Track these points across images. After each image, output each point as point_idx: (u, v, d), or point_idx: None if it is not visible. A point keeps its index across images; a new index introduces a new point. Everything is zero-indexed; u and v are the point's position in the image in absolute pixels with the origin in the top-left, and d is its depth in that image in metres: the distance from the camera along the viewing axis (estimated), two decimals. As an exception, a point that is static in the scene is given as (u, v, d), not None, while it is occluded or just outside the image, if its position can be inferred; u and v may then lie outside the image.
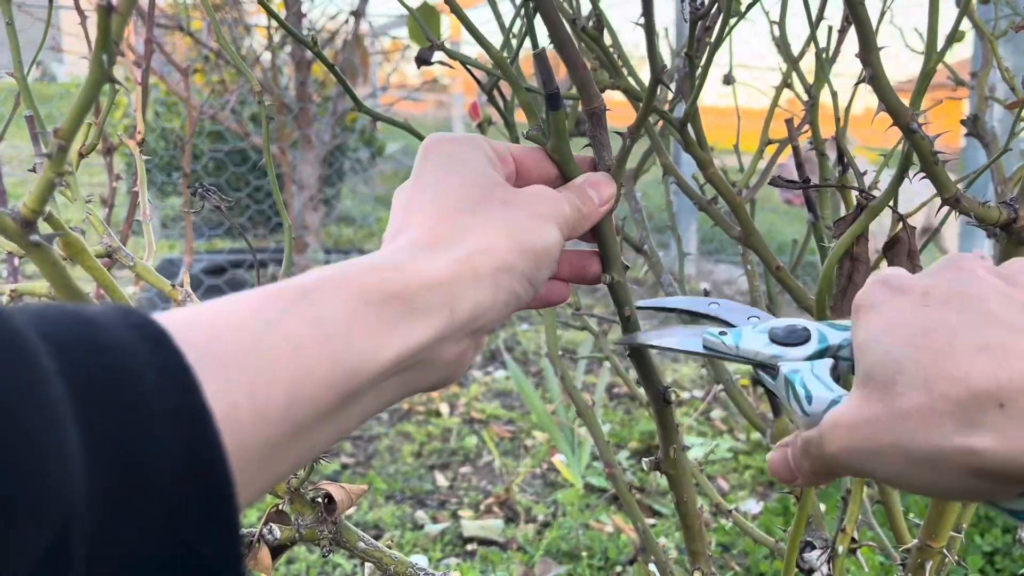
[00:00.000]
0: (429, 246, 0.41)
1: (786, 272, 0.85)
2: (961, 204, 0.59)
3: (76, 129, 0.39)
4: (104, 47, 0.37)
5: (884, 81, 0.55)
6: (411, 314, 0.38)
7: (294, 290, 0.36)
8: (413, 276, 0.38)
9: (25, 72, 0.63)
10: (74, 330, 0.29)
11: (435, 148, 0.46)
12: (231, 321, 0.34)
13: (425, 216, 0.43)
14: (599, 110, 0.55)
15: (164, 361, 0.30)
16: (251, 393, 0.32)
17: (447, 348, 0.40)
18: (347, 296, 0.36)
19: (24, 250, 0.41)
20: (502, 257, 0.41)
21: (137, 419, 0.28)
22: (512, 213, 0.43)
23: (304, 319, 0.35)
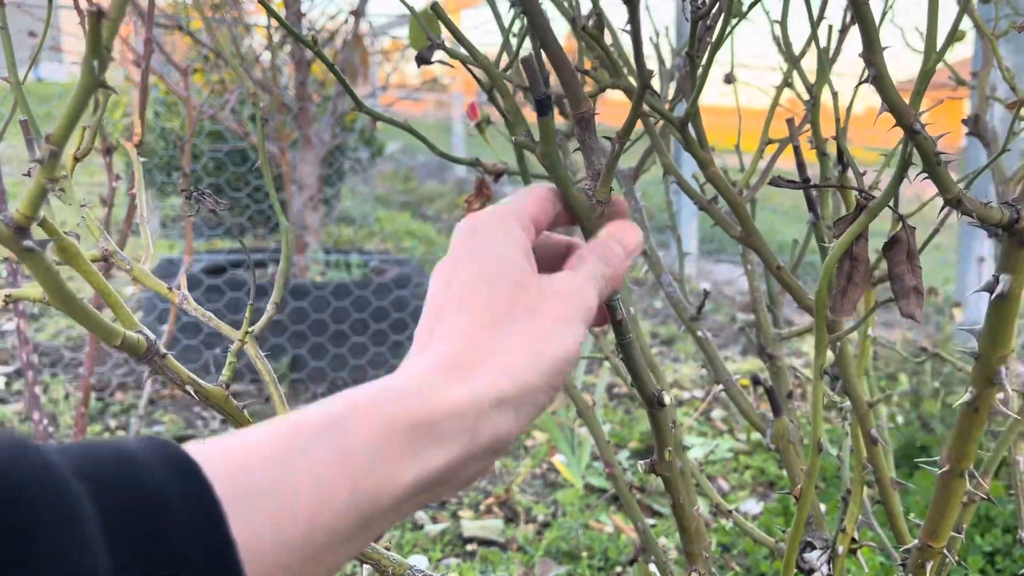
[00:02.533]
0: (454, 369, 0.42)
1: (786, 272, 0.85)
2: (963, 205, 0.59)
3: (68, 134, 0.39)
4: (95, 53, 0.36)
5: (887, 81, 0.55)
6: (433, 441, 0.40)
7: (324, 420, 0.38)
8: (437, 405, 0.40)
9: (20, 76, 0.63)
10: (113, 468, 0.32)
11: (467, 243, 0.47)
12: (261, 452, 0.36)
13: (452, 330, 0.44)
14: (587, 114, 0.55)
15: (194, 496, 0.33)
16: (274, 524, 0.35)
17: (465, 469, 0.42)
18: (373, 425, 0.38)
19: (17, 256, 0.41)
20: (523, 378, 0.42)
21: (166, 551, 0.31)
22: (536, 323, 0.44)
23: (330, 450, 0.37)
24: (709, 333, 1.09)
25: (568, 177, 0.54)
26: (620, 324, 0.59)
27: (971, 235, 2.90)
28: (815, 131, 0.83)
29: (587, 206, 0.54)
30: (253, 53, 3.55)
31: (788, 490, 0.98)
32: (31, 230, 0.42)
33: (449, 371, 0.42)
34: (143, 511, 0.31)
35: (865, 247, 0.65)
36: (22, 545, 0.28)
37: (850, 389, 0.86)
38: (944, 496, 0.75)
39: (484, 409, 0.41)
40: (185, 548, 0.31)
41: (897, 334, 2.94)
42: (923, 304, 0.63)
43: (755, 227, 0.85)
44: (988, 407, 0.71)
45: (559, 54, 0.53)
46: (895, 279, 0.64)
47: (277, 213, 0.70)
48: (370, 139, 5.72)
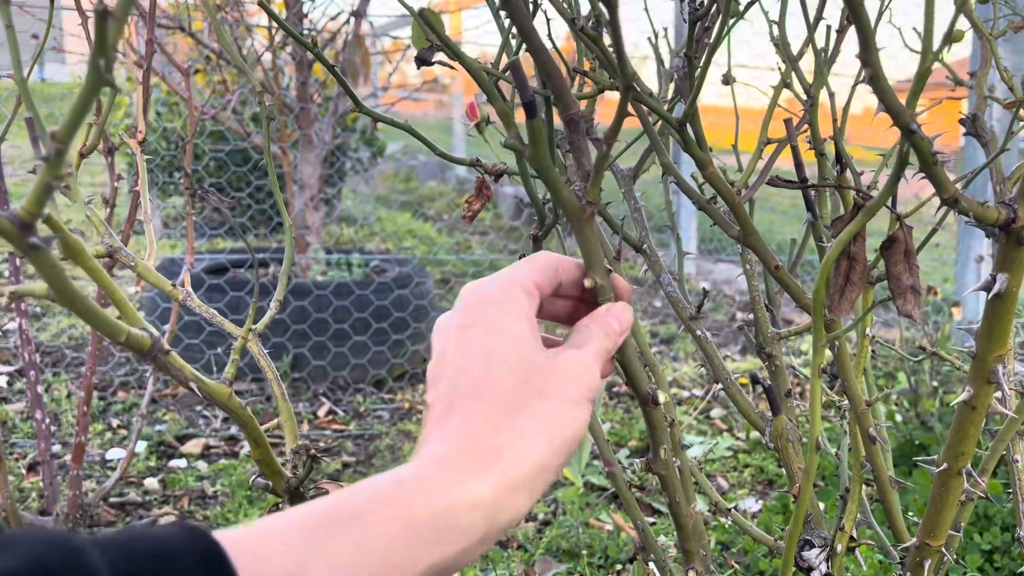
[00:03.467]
0: (474, 459, 0.43)
1: (785, 272, 0.85)
2: (960, 204, 0.60)
3: (74, 133, 0.39)
4: (101, 52, 0.37)
5: (884, 82, 0.55)
6: (451, 531, 0.41)
7: (346, 511, 0.40)
8: (457, 499, 0.42)
9: (25, 74, 0.63)
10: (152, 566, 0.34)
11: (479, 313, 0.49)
12: (284, 543, 0.38)
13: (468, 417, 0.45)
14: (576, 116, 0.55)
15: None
16: None
17: (481, 549, 0.43)
18: (392, 518, 0.40)
19: (22, 253, 0.42)
20: (541, 462, 0.45)
21: None
22: (546, 407, 0.46)
23: (349, 542, 0.38)
24: (708, 332, 1.09)
25: (559, 179, 0.55)
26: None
27: (970, 234, 2.91)
28: (813, 131, 0.83)
29: (577, 207, 0.54)
30: (255, 54, 3.56)
31: (787, 488, 0.98)
32: (36, 227, 0.43)
33: (469, 462, 0.43)
34: None
35: (863, 246, 0.65)
36: None
37: (848, 388, 0.87)
38: (942, 495, 0.76)
39: (502, 498, 0.43)
40: None
41: (895, 333, 2.94)
42: (920, 303, 0.64)
43: (754, 227, 0.85)
44: (986, 406, 0.71)
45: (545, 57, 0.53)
46: (892, 278, 0.64)
47: (281, 212, 0.70)
48: (371, 139, 5.73)
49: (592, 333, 0.52)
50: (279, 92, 3.39)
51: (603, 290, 0.57)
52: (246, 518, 2.07)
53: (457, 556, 0.42)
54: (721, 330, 3.72)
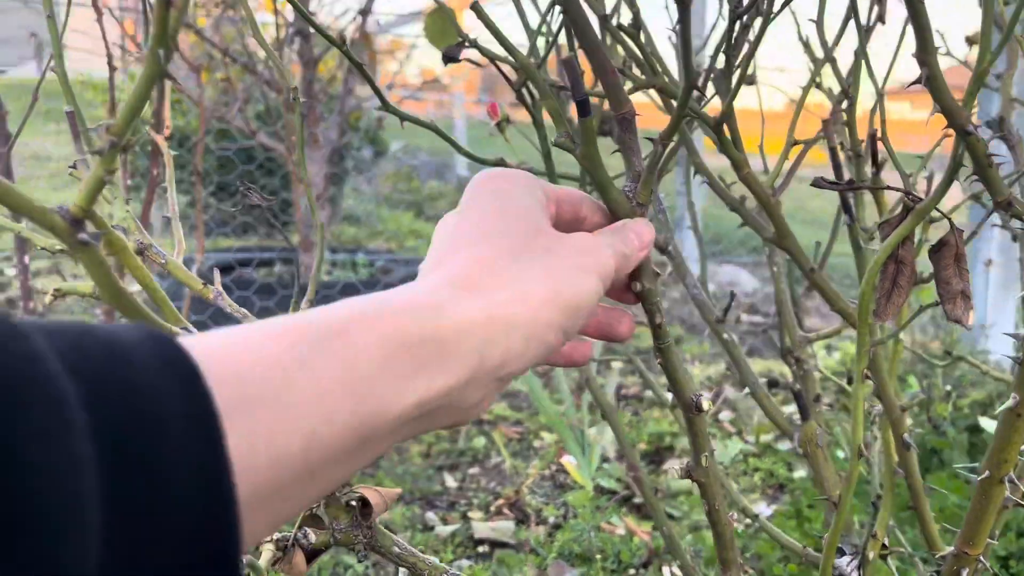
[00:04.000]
0: (467, 288, 0.40)
1: (819, 274, 0.84)
2: (1013, 207, 0.58)
3: (130, 125, 0.38)
4: (161, 41, 0.36)
5: (940, 82, 0.54)
6: (440, 359, 0.37)
7: (330, 325, 0.35)
8: (448, 319, 0.38)
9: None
10: (109, 368, 0.29)
11: (487, 184, 0.46)
12: (264, 356, 0.33)
13: (467, 255, 0.42)
14: (629, 115, 0.54)
15: (193, 408, 0.29)
16: (271, 439, 0.32)
17: (470, 393, 0.40)
18: (381, 336, 0.36)
19: (72, 249, 0.40)
20: (538, 307, 0.41)
21: (160, 478, 0.28)
22: (554, 262, 0.43)
23: (335, 359, 0.34)
24: (733, 335, 1.08)
25: (609, 178, 0.54)
26: (659, 327, 0.58)
27: (979, 238, 2.90)
28: (851, 132, 0.82)
29: (627, 208, 0.53)
30: (259, 52, 3.54)
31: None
32: (86, 224, 0.41)
33: (463, 288, 0.40)
34: (139, 427, 0.28)
35: (911, 250, 0.64)
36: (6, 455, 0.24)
37: (883, 393, 0.86)
38: (982, 502, 0.75)
39: (496, 329, 0.39)
40: (180, 471, 0.28)
41: (907, 337, 2.93)
42: (971, 307, 0.62)
43: (788, 228, 0.84)
44: (1030, 412, 0.70)
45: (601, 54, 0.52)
46: (942, 283, 0.63)
47: (311, 209, 0.69)
48: (374, 138, 5.72)
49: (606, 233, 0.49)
50: (289, 89, 3.38)
51: (651, 294, 0.55)
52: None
53: (443, 396, 0.38)
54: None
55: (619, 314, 0.52)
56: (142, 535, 0.27)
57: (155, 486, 0.28)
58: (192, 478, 0.28)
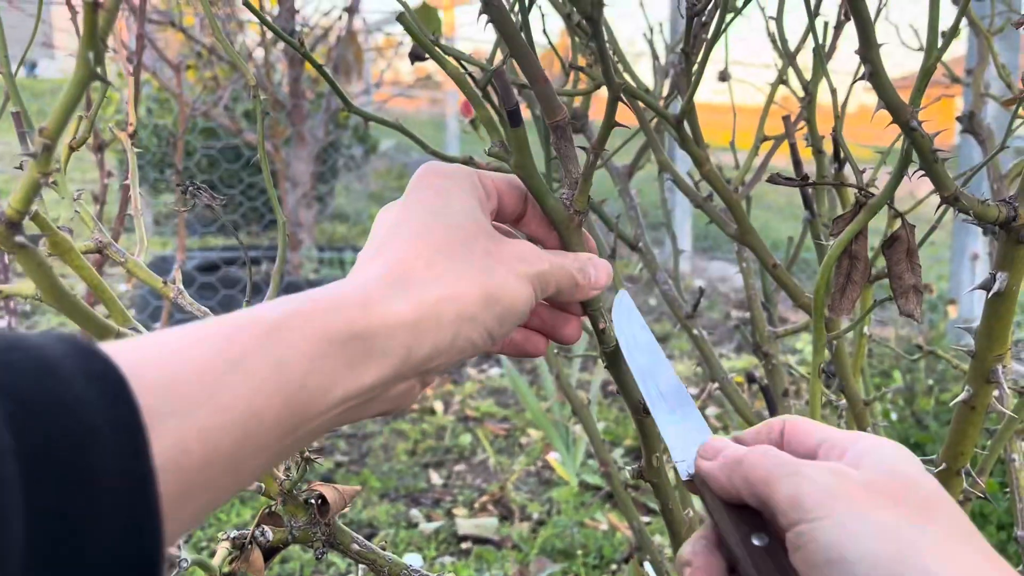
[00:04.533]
0: (399, 283, 0.40)
1: (782, 270, 0.85)
2: (960, 202, 0.59)
3: (62, 128, 0.38)
4: (91, 44, 0.36)
5: (884, 78, 0.55)
6: (368, 355, 0.38)
7: (261, 326, 0.36)
8: (377, 317, 0.39)
9: (13, 69, 0.62)
10: (34, 384, 0.29)
11: (429, 180, 0.46)
12: (195, 360, 0.34)
13: (403, 249, 0.42)
14: (562, 122, 0.54)
15: (119, 420, 0.30)
16: (203, 439, 0.33)
17: (395, 386, 0.40)
18: (310, 335, 0.37)
19: (9, 251, 0.41)
20: (468, 307, 0.41)
21: (85, 492, 0.29)
22: (490, 264, 0.43)
23: (265, 360, 0.35)
24: (704, 331, 1.09)
25: (544, 187, 0.53)
26: (603, 332, 0.58)
27: (965, 232, 2.91)
28: (812, 128, 0.82)
29: (564, 216, 0.52)
30: (246, 50, 3.54)
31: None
32: (23, 225, 0.42)
33: (394, 283, 0.40)
34: (65, 442, 0.28)
35: (864, 245, 0.65)
36: None
37: (846, 387, 0.86)
38: (940, 494, 0.75)
39: (424, 326, 0.40)
40: (106, 482, 0.29)
41: (891, 331, 2.94)
42: (922, 302, 0.63)
43: (751, 225, 0.84)
44: (985, 405, 0.70)
45: (529, 61, 0.52)
46: (894, 277, 0.64)
47: (275, 209, 0.69)
48: (364, 136, 5.71)
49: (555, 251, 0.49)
50: (271, 88, 3.37)
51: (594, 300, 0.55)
52: (238, 519, 2.06)
53: (370, 390, 0.38)
54: (716, 328, 3.72)
55: (565, 317, 0.52)
56: (66, 548, 0.28)
57: (80, 500, 0.29)
58: (117, 490, 0.29)
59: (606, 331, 0.56)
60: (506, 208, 0.50)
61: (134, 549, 0.30)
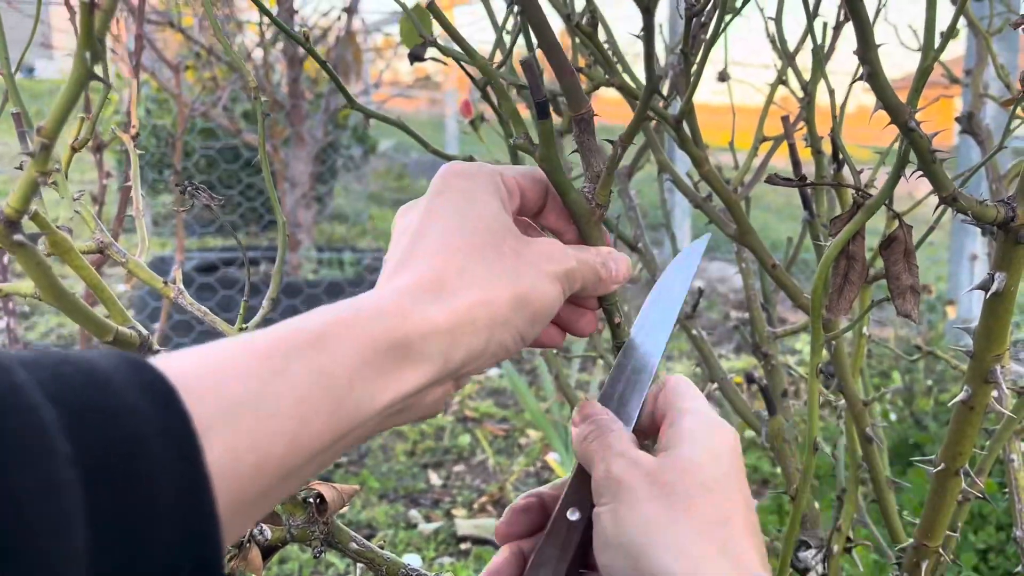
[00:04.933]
0: (433, 292, 0.41)
1: (782, 270, 0.85)
2: (959, 203, 0.59)
3: (60, 127, 0.38)
4: (88, 44, 0.36)
5: (882, 79, 0.55)
6: (408, 361, 0.39)
7: (305, 335, 0.37)
8: (415, 325, 0.39)
9: (13, 69, 0.62)
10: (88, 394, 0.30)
11: (451, 183, 0.46)
12: (240, 368, 0.35)
13: (433, 255, 0.43)
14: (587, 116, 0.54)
15: (171, 427, 0.31)
16: (254, 445, 0.34)
17: (432, 392, 0.41)
18: (354, 344, 0.38)
19: (8, 250, 0.41)
20: (500, 311, 0.42)
21: (142, 497, 0.30)
22: (519, 266, 0.44)
23: (310, 368, 0.36)
24: (703, 331, 1.09)
25: (567, 181, 0.53)
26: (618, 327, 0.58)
27: (963, 232, 2.91)
28: (811, 129, 0.82)
29: (586, 209, 0.53)
30: (245, 50, 3.54)
31: (782, 488, 0.98)
32: (23, 224, 0.42)
33: (428, 290, 0.41)
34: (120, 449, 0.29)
35: (862, 245, 0.65)
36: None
37: (845, 387, 0.86)
38: (939, 495, 0.75)
39: (459, 333, 0.40)
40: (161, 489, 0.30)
41: (890, 332, 2.94)
42: (919, 303, 0.63)
43: (750, 225, 0.84)
44: (984, 406, 0.70)
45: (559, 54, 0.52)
46: (892, 278, 0.64)
47: (274, 209, 0.69)
48: (363, 137, 5.71)
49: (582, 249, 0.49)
50: (270, 89, 3.37)
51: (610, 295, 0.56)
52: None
53: (411, 395, 0.39)
54: (715, 328, 3.72)
55: (581, 311, 0.53)
56: (127, 551, 0.29)
57: (138, 504, 0.29)
58: (173, 494, 0.30)
59: (620, 326, 0.56)
60: (528, 203, 0.50)
61: (193, 553, 0.30)
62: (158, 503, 0.30)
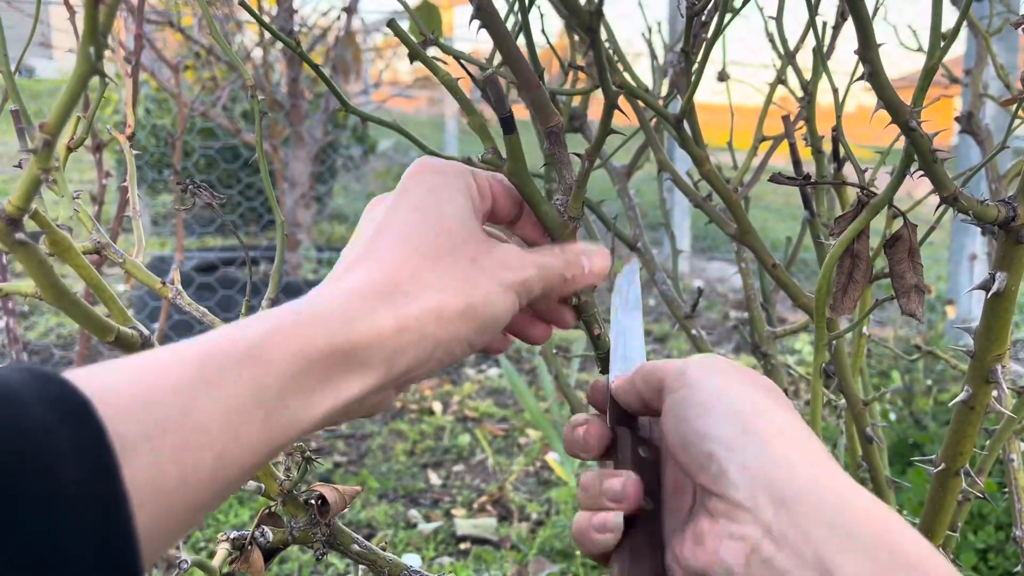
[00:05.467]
0: (383, 295, 0.40)
1: (782, 270, 0.85)
2: (959, 202, 0.59)
3: (63, 124, 0.38)
4: (92, 40, 0.36)
5: (883, 78, 0.55)
6: (349, 369, 0.38)
7: (241, 345, 0.36)
8: (359, 332, 0.38)
9: (12, 68, 0.62)
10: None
11: (421, 177, 0.45)
12: (170, 381, 0.34)
13: (389, 255, 0.42)
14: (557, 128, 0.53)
15: (84, 444, 0.30)
16: (180, 462, 0.33)
17: (372, 398, 0.40)
18: (291, 353, 0.36)
19: (9, 248, 0.41)
20: (449, 320, 0.41)
21: (53, 518, 0.28)
22: (475, 275, 0.43)
23: (243, 382, 0.35)
24: (703, 331, 1.09)
25: (538, 193, 0.52)
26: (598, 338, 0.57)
27: (963, 232, 2.91)
28: (811, 128, 0.82)
29: (559, 222, 0.52)
30: (244, 50, 3.54)
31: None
32: (23, 223, 0.41)
33: (378, 296, 0.40)
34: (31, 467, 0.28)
35: (866, 244, 0.65)
36: None
37: (845, 387, 0.86)
38: (940, 495, 0.75)
39: (405, 340, 0.40)
40: (74, 507, 0.29)
41: (890, 332, 2.94)
42: (923, 302, 0.63)
43: (750, 224, 0.84)
44: (984, 405, 0.70)
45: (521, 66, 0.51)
46: (896, 277, 0.64)
47: (273, 209, 0.69)
48: (362, 137, 5.71)
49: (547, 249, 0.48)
50: (270, 88, 3.37)
51: (588, 305, 0.55)
52: (236, 519, 2.06)
53: (351, 403, 0.38)
54: (715, 328, 3.72)
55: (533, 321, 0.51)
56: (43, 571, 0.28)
57: (52, 520, 0.28)
58: (90, 509, 0.29)
59: (601, 337, 0.56)
60: (501, 210, 0.49)
61: (110, 570, 0.29)
62: (72, 521, 0.29)
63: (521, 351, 3.32)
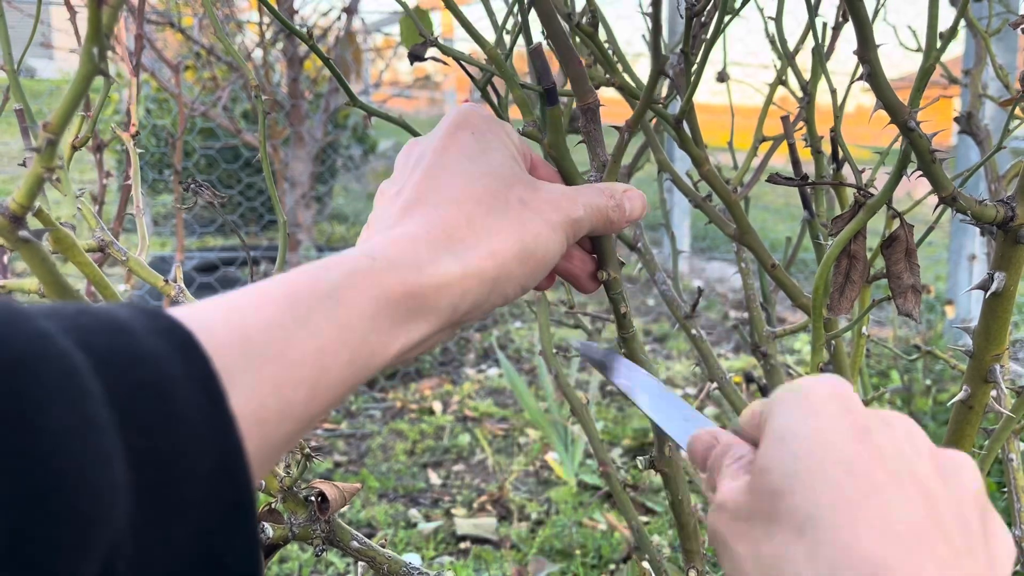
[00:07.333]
0: (444, 242, 0.42)
1: (781, 270, 0.85)
2: (958, 203, 0.59)
3: (66, 123, 0.38)
4: (95, 40, 0.36)
5: (882, 78, 0.55)
6: (420, 313, 0.41)
7: (323, 287, 0.38)
8: (429, 278, 0.41)
9: (16, 66, 0.62)
10: (112, 341, 0.30)
11: (470, 123, 0.47)
12: (263, 318, 0.35)
13: (444, 203, 0.44)
14: (593, 105, 0.55)
15: (194, 371, 0.31)
16: (277, 393, 0.35)
17: (435, 337, 0.43)
18: (370, 296, 0.39)
19: (13, 246, 0.41)
20: (506, 263, 0.43)
21: (174, 438, 0.30)
22: (526, 217, 0.45)
23: (329, 319, 0.37)
24: (702, 331, 1.09)
25: (575, 168, 0.54)
26: (624, 317, 0.59)
27: (962, 232, 2.91)
28: (810, 128, 0.83)
29: None
30: (245, 50, 3.54)
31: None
32: (27, 220, 0.42)
33: (440, 243, 0.42)
34: (147, 390, 0.30)
35: (863, 245, 0.65)
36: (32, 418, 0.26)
37: (844, 386, 0.86)
38: (938, 493, 0.75)
39: (468, 284, 0.42)
40: (190, 429, 0.30)
41: (889, 332, 2.95)
42: (920, 302, 0.63)
43: (750, 224, 0.85)
44: (983, 405, 0.71)
45: (566, 44, 0.53)
46: (893, 277, 0.64)
47: (275, 209, 0.70)
48: (363, 137, 5.71)
49: (591, 187, 0.49)
50: (270, 89, 3.37)
51: (616, 283, 0.56)
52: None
53: (420, 343, 0.41)
54: (714, 328, 3.72)
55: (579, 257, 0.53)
56: (165, 489, 0.29)
57: (172, 442, 0.30)
58: (204, 435, 0.31)
59: (627, 315, 0.56)
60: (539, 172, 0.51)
61: (226, 489, 0.31)
62: (188, 443, 0.30)
63: (521, 351, 3.32)
